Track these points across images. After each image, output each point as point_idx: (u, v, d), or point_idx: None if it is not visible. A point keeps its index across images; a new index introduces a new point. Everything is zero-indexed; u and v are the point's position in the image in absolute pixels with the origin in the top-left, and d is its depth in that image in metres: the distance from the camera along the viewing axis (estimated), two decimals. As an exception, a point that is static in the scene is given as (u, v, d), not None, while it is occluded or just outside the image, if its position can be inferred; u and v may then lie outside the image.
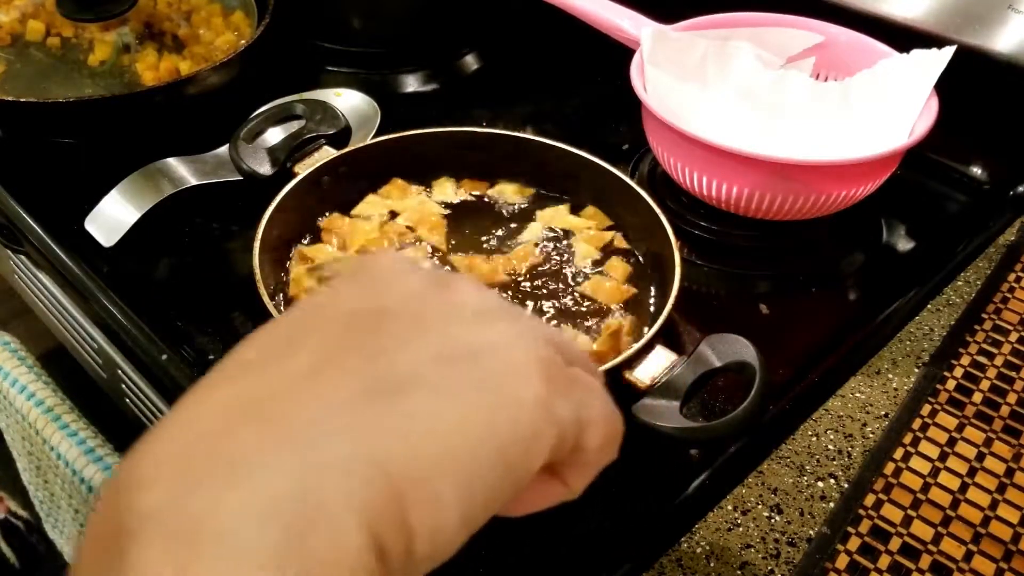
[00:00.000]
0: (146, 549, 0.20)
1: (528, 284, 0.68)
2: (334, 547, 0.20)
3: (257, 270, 0.62)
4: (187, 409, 0.25)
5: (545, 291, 0.68)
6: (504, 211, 0.75)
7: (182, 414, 0.24)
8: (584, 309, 0.66)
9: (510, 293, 0.67)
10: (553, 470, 0.27)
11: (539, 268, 0.69)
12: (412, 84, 1.02)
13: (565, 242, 0.72)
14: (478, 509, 0.23)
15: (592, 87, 1.01)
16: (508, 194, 0.76)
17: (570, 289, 0.68)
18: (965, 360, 0.70)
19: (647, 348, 0.58)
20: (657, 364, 0.58)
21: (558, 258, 0.70)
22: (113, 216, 0.73)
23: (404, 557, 0.21)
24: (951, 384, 0.68)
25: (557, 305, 0.66)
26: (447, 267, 0.68)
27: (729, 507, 0.60)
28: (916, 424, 0.64)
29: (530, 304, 0.67)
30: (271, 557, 0.19)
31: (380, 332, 0.25)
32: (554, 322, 0.65)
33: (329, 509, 0.20)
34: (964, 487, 0.60)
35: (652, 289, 0.68)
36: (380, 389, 0.23)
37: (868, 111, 0.81)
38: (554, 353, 0.26)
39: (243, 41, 0.93)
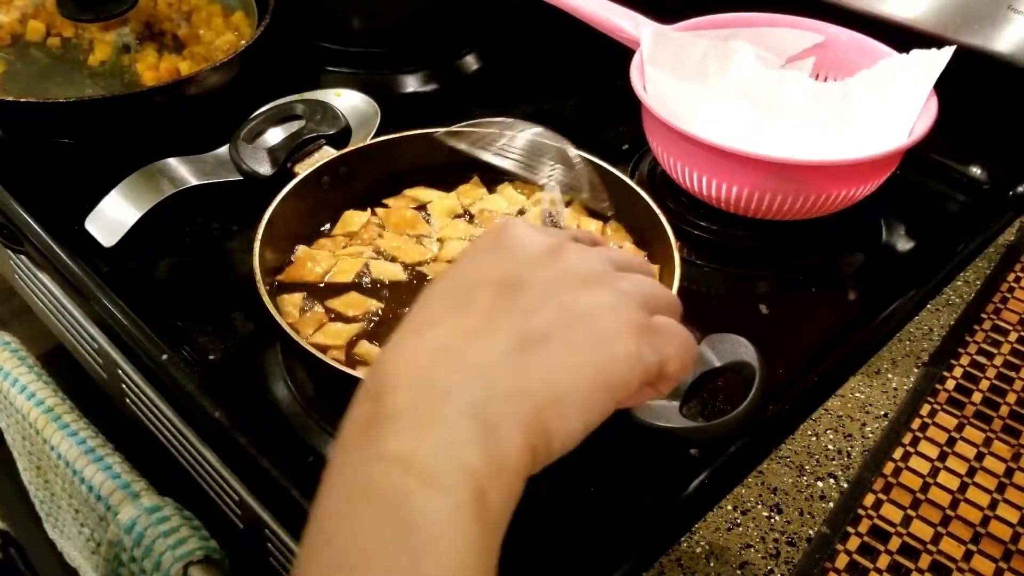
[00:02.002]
0: (398, 429, 0.33)
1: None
2: (508, 442, 0.33)
3: (257, 270, 0.62)
4: (408, 343, 0.37)
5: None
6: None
7: (407, 344, 0.37)
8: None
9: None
10: (648, 383, 0.39)
11: None
12: (412, 84, 1.02)
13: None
14: (594, 418, 0.36)
15: (592, 87, 1.01)
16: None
17: None
18: (965, 360, 0.70)
19: (647, 348, 0.58)
20: (657, 364, 0.58)
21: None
22: (113, 216, 0.73)
23: (545, 450, 0.35)
24: (951, 384, 0.68)
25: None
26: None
27: (729, 507, 0.60)
28: (916, 424, 0.65)
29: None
30: (475, 439, 0.33)
31: (519, 298, 0.37)
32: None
33: (504, 420, 0.34)
34: (964, 487, 0.60)
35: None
36: (526, 343, 0.36)
37: (868, 111, 0.81)
38: (641, 312, 0.38)
39: (243, 41, 0.93)
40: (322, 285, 0.68)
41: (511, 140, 0.67)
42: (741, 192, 0.73)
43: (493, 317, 0.36)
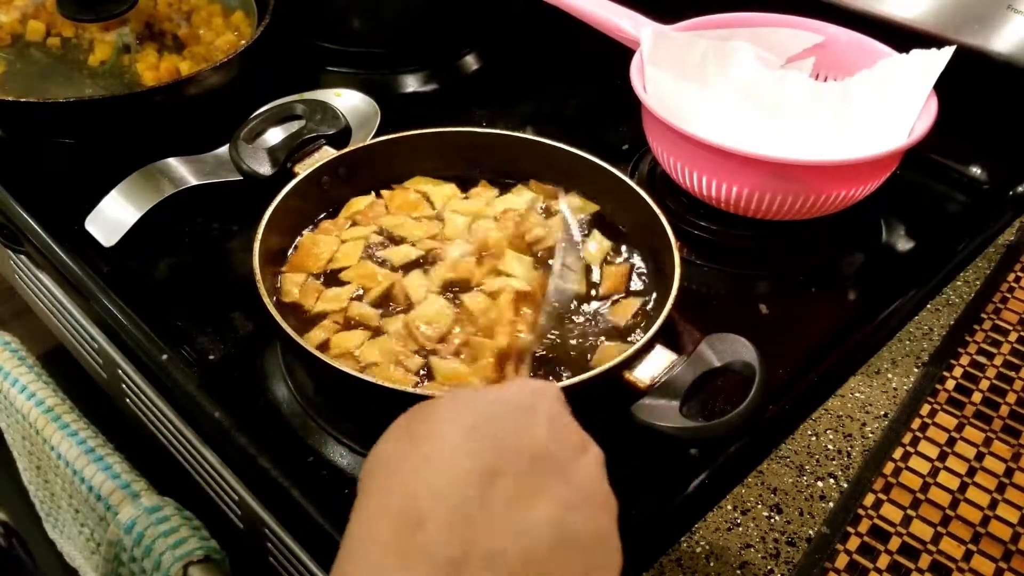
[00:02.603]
0: (448, 567, 0.32)
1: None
2: None
3: (257, 270, 0.62)
4: (464, 490, 0.35)
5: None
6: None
7: (465, 492, 0.35)
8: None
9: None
10: None
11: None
12: (412, 84, 1.02)
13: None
14: None
15: (592, 87, 1.01)
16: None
17: None
18: (965, 360, 0.70)
19: (647, 348, 0.58)
20: (657, 364, 0.58)
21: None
22: (113, 216, 0.73)
23: None
24: (951, 384, 0.68)
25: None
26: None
27: (729, 507, 0.60)
28: (916, 424, 0.64)
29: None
30: None
31: (552, 487, 0.36)
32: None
33: None
34: (964, 487, 0.60)
35: (652, 289, 0.68)
36: (557, 542, 0.35)
37: (868, 111, 0.81)
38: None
39: (243, 41, 0.93)
40: (327, 272, 0.68)
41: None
42: (741, 192, 0.73)
43: (529, 495, 0.36)
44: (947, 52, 0.77)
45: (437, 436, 0.37)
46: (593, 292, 0.68)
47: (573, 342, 0.64)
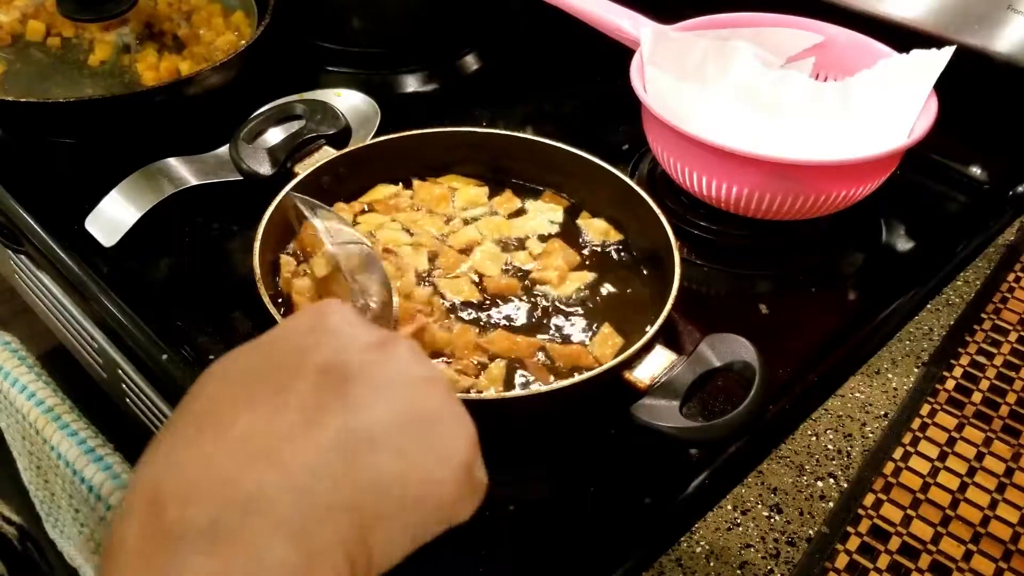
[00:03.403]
0: (195, 552, 0.27)
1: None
2: (326, 570, 0.29)
3: (257, 270, 0.62)
4: (199, 441, 0.30)
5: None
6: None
7: (199, 443, 0.30)
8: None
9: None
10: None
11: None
12: (412, 84, 1.02)
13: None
14: (420, 539, 0.32)
15: (592, 87, 1.01)
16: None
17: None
18: (965, 360, 0.70)
19: (647, 348, 0.58)
20: (657, 364, 0.58)
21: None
22: (113, 216, 0.73)
23: (365, 567, 0.30)
24: (951, 384, 0.68)
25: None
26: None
27: (729, 507, 0.60)
28: (916, 424, 0.64)
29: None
30: (290, 566, 0.28)
31: (346, 394, 0.32)
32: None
33: (324, 544, 0.29)
34: (964, 487, 0.60)
35: (652, 289, 0.68)
36: (354, 445, 0.31)
37: (868, 111, 0.81)
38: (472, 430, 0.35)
39: (243, 41, 0.93)
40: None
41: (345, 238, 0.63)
42: (741, 192, 0.73)
43: (315, 411, 0.31)
44: (947, 52, 0.77)
45: (206, 407, 0.33)
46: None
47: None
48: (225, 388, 0.32)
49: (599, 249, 0.73)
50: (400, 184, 0.77)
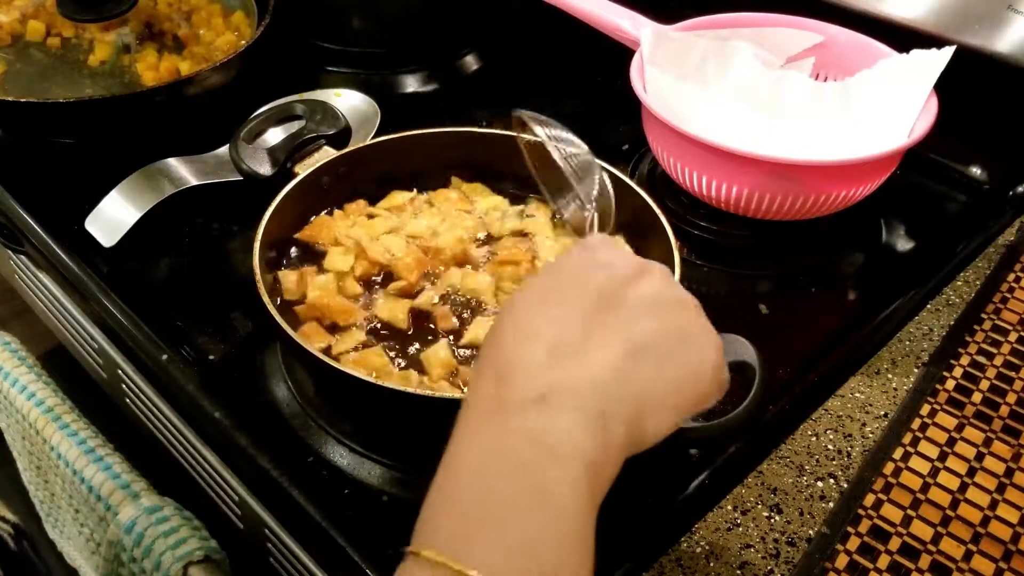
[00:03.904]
0: (529, 412, 0.38)
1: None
2: (614, 435, 0.39)
3: (257, 270, 0.62)
4: (526, 337, 0.41)
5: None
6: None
7: (526, 340, 0.41)
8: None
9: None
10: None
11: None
12: (412, 84, 1.02)
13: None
14: (680, 420, 0.43)
15: (592, 87, 1.01)
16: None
17: None
18: (965, 360, 0.70)
19: (647, 348, 0.58)
20: (657, 364, 0.58)
21: None
22: (113, 216, 0.73)
23: (639, 443, 0.41)
24: (951, 384, 0.68)
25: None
26: None
27: (729, 507, 0.60)
28: (916, 424, 0.64)
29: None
30: (591, 429, 0.38)
31: (620, 312, 0.42)
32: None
33: (613, 417, 0.39)
34: (964, 487, 0.60)
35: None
36: (633, 352, 0.41)
37: (868, 111, 0.81)
38: (717, 334, 0.45)
39: (243, 41, 0.93)
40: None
41: (570, 147, 0.67)
42: (741, 192, 0.73)
43: (600, 325, 0.41)
44: (947, 52, 0.77)
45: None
46: None
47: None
48: (535, 301, 0.43)
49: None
50: (415, 190, 0.77)
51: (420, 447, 0.55)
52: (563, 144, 0.66)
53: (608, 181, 0.68)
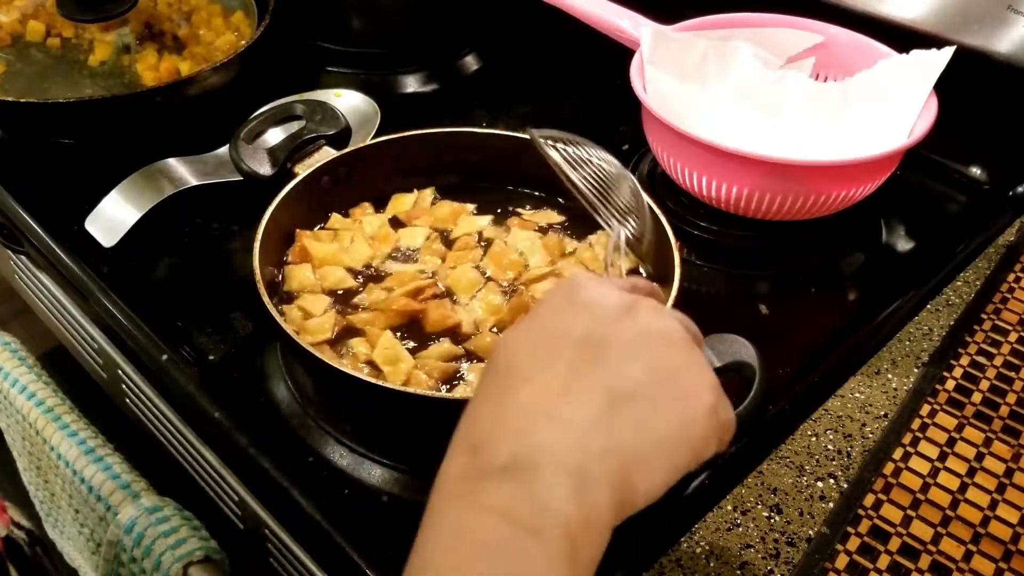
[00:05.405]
0: (501, 482, 0.35)
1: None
2: (598, 497, 0.35)
3: (257, 270, 0.62)
4: (501, 399, 0.38)
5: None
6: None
7: (501, 401, 0.38)
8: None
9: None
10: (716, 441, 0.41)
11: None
12: (412, 84, 1.02)
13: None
14: (676, 474, 0.39)
15: (592, 87, 1.01)
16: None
17: None
18: (964, 360, 0.70)
19: (647, 348, 0.58)
20: (657, 364, 0.58)
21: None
22: (113, 216, 0.73)
23: (630, 503, 0.37)
24: (950, 384, 0.68)
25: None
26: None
27: (729, 507, 0.60)
28: (915, 424, 0.64)
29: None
30: (571, 495, 0.35)
31: (603, 356, 0.38)
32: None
33: (595, 477, 0.36)
34: (964, 487, 0.60)
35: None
36: (615, 401, 0.37)
37: (868, 111, 0.81)
38: (712, 372, 0.41)
39: (243, 41, 0.93)
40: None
41: (592, 162, 0.61)
42: (741, 192, 0.73)
43: (581, 375, 0.38)
44: (947, 52, 0.77)
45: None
46: None
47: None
48: (511, 359, 0.40)
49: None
50: (415, 191, 0.77)
51: (420, 447, 0.55)
52: (585, 163, 0.61)
53: (643, 193, 0.63)
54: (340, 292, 0.68)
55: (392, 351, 0.62)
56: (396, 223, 0.74)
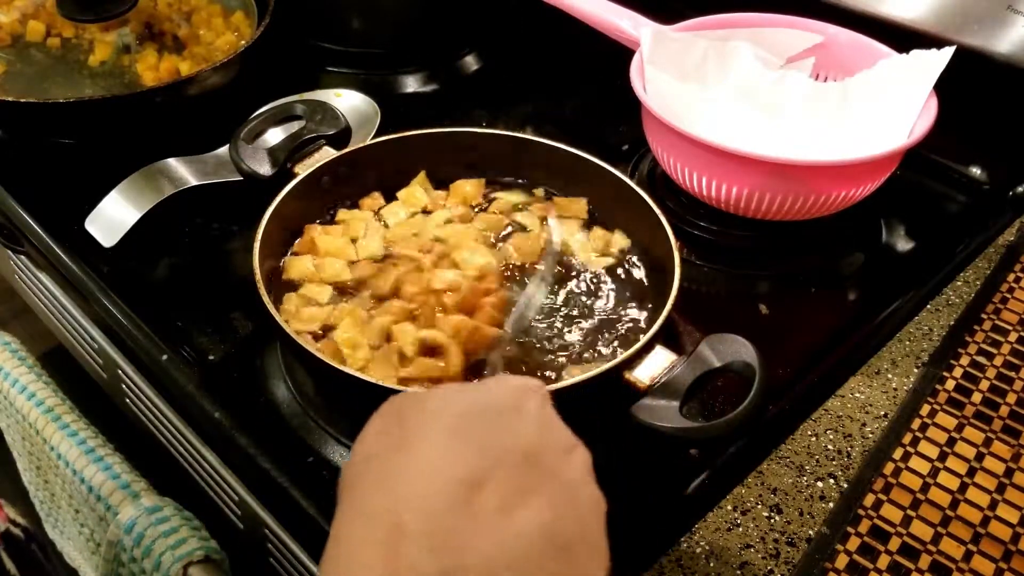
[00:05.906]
0: None
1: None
2: None
3: (257, 270, 0.62)
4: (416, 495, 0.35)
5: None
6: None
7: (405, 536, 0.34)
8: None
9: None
10: None
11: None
12: (412, 84, 1.02)
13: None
14: None
15: (592, 87, 1.01)
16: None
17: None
18: (964, 360, 0.70)
19: (647, 348, 0.58)
20: (657, 364, 0.58)
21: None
22: (113, 216, 0.73)
23: None
24: (950, 384, 0.68)
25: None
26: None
27: (729, 507, 0.60)
28: (915, 424, 0.64)
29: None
30: None
31: (538, 491, 0.36)
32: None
33: None
34: (964, 487, 0.60)
35: (652, 289, 0.68)
36: (525, 544, 0.34)
37: (868, 111, 0.81)
38: None
39: (243, 41, 0.93)
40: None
41: None
42: (741, 192, 0.73)
43: (511, 499, 0.35)
44: (947, 52, 0.77)
45: (421, 437, 0.37)
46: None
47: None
48: (441, 439, 0.36)
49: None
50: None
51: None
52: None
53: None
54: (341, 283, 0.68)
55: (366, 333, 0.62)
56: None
